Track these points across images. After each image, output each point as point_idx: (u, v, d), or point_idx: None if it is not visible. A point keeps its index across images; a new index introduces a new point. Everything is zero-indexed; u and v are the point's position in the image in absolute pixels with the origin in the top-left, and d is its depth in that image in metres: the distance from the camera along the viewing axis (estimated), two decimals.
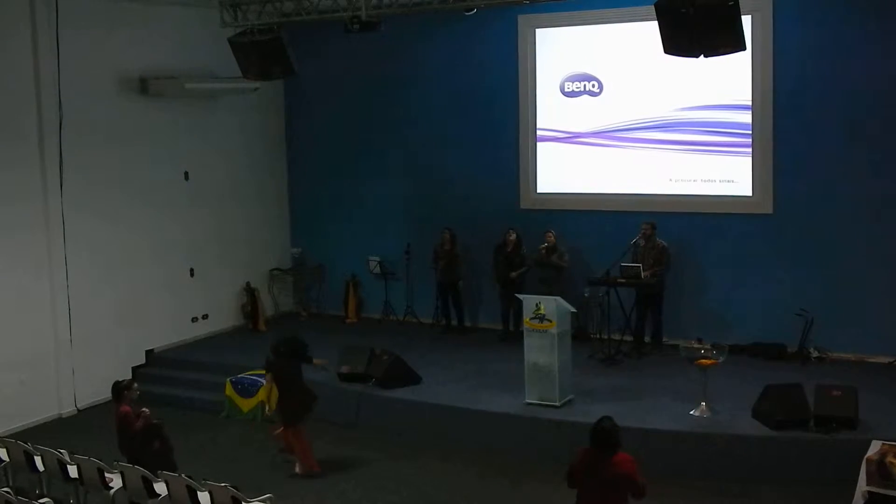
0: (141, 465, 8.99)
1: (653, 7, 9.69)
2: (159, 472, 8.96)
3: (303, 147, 17.13)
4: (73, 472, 9.49)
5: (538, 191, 15.11)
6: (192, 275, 15.30)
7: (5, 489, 8.65)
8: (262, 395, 12.76)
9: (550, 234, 14.12)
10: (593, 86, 14.61)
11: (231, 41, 12.45)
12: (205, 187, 15.43)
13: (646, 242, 13.40)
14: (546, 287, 13.52)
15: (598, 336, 13.71)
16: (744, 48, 9.64)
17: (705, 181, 13.90)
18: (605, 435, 7.18)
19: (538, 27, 14.80)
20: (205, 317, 15.55)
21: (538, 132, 15.01)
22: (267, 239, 16.89)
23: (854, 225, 12.91)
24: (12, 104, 12.53)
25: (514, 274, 14.32)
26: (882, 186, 12.71)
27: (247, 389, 12.91)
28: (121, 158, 13.94)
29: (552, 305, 11.37)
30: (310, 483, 10.63)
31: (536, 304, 11.45)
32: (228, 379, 13.12)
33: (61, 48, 12.80)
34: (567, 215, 14.67)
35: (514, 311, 14.24)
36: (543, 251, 14.07)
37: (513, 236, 14.40)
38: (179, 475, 8.75)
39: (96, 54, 13.52)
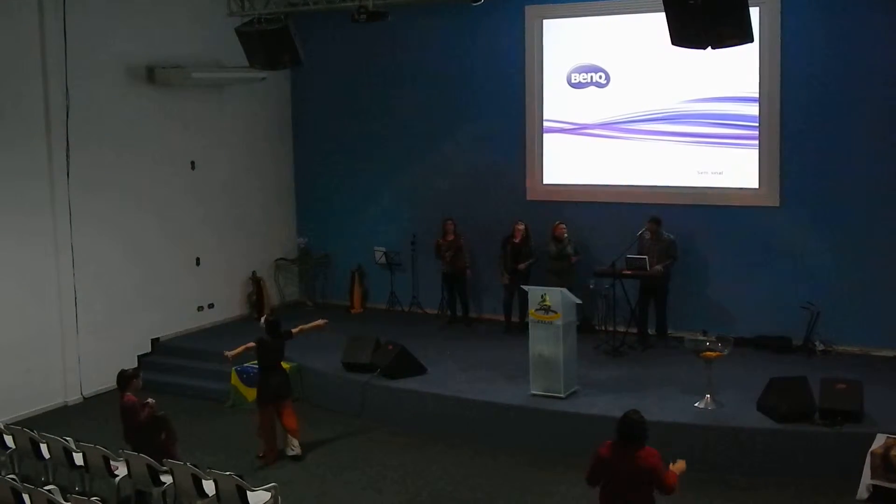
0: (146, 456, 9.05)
1: None
2: (164, 460, 9.00)
3: (309, 137, 17.13)
4: (78, 459, 9.54)
5: (545, 182, 15.10)
6: (198, 264, 15.33)
7: (11, 476, 8.70)
8: None
9: (563, 226, 14.10)
10: (600, 77, 14.58)
11: (238, 30, 12.44)
12: (211, 177, 15.44)
13: (651, 236, 13.39)
14: (558, 279, 13.48)
15: (603, 328, 13.72)
16: (751, 40, 9.61)
17: (712, 173, 13.88)
18: (631, 426, 7.13)
19: (545, 18, 14.78)
20: (210, 306, 15.59)
21: (545, 123, 14.99)
22: (273, 229, 16.91)
23: (861, 218, 12.88)
24: (20, 91, 12.53)
25: (522, 265, 14.32)
26: (889, 179, 12.68)
27: (252, 379, 12.88)
28: (128, 147, 13.96)
29: (557, 297, 11.36)
30: (314, 472, 10.65)
31: (542, 296, 11.45)
32: (234, 368, 13.12)
33: (68, 36, 12.80)
34: (573, 207, 14.66)
35: (519, 302, 14.28)
36: (566, 240, 14.03)
37: (521, 227, 14.39)
38: (185, 464, 8.78)
39: (103, 42, 13.53)
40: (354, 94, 16.52)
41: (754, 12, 10.36)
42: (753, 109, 13.49)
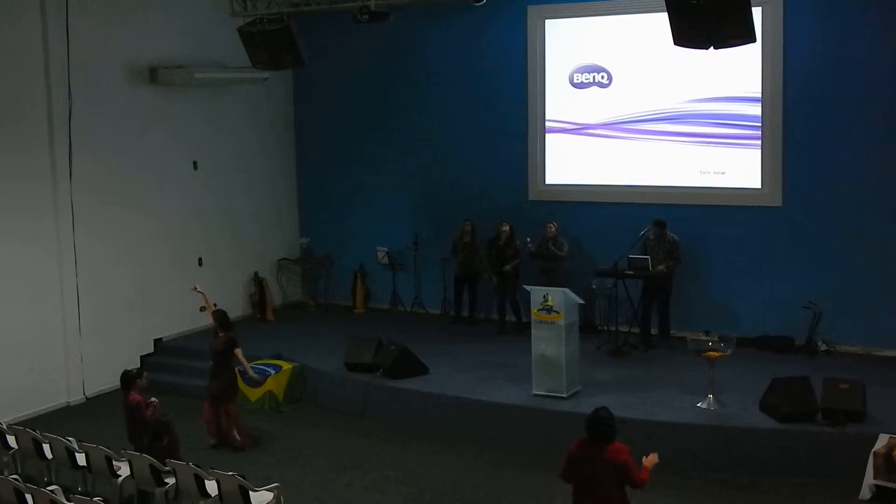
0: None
1: None
2: (167, 460, 9.01)
3: (311, 137, 17.14)
4: (81, 459, 9.54)
5: (546, 182, 15.10)
6: (200, 264, 15.32)
7: (14, 476, 8.70)
8: (269, 384, 12.80)
9: (551, 226, 14.10)
10: (602, 77, 14.58)
11: (241, 31, 12.46)
12: (214, 177, 15.45)
13: (655, 237, 13.39)
14: (548, 278, 13.49)
15: (605, 328, 13.71)
16: (754, 40, 9.62)
17: (714, 173, 13.88)
18: (600, 424, 7.17)
19: (548, 18, 14.79)
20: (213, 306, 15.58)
21: (547, 123, 14.99)
22: (275, 229, 16.92)
23: (863, 218, 12.88)
24: (22, 93, 12.53)
25: (507, 267, 14.34)
26: (892, 179, 12.67)
27: (254, 379, 12.92)
28: (130, 147, 13.96)
29: (560, 297, 11.36)
30: (316, 473, 10.65)
31: (544, 296, 11.45)
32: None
33: (71, 36, 12.80)
34: (575, 207, 14.66)
35: (510, 302, 14.34)
36: (541, 242, 14.05)
37: (505, 228, 14.40)
38: (187, 464, 8.78)
39: (106, 43, 13.53)
40: (357, 95, 16.52)
41: (757, 12, 10.34)
42: (756, 109, 13.49)
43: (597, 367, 12.46)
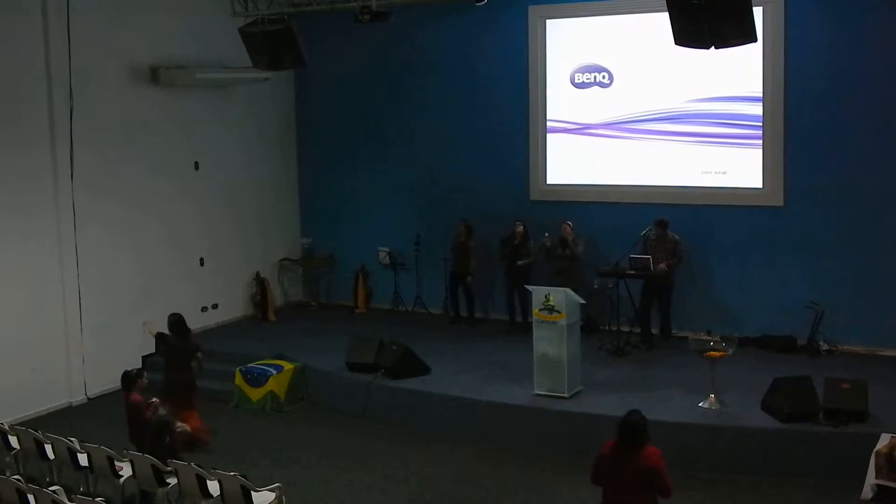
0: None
1: None
2: (169, 460, 9.01)
3: (313, 137, 17.14)
4: (83, 460, 9.55)
5: (548, 182, 15.09)
6: (202, 264, 15.34)
7: (16, 477, 8.69)
8: (271, 384, 12.80)
9: (567, 226, 14.06)
10: (604, 77, 14.57)
11: (241, 31, 12.46)
12: (215, 177, 15.46)
13: (657, 237, 13.38)
14: (562, 278, 13.45)
15: (607, 328, 13.71)
16: (755, 40, 9.61)
17: (716, 173, 13.87)
18: (632, 429, 7.14)
19: (549, 18, 14.79)
20: (214, 306, 15.59)
21: (548, 123, 14.99)
22: (276, 229, 16.92)
23: (865, 217, 12.87)
24: (24, 93, 12.52)
25: (520, 262, 14.32)
26: (893, 178, 12.66)
27: (256, 379, 12.94)
28: (131, 148, 13.95)
29: (561, 297, 11.36)
30: (318, 473, 10.65)
31: (545, 296, 11.45)
32: (238, 368, 13.16)
33: (72, 37, 12.80)
34: (577, 207, 14.64)
35: (520, 302, 14.30)
36: (557, 241, 14.03)
37: (520, 228, 14.39)
38: (189, 464, 8.79)
39: (107, 43, 13.53)
40: (357, 95, 16.52)
41: (758, 12, 10.32)
42: (757, 109, 13.48)
43: (598, 367, 12.45)
